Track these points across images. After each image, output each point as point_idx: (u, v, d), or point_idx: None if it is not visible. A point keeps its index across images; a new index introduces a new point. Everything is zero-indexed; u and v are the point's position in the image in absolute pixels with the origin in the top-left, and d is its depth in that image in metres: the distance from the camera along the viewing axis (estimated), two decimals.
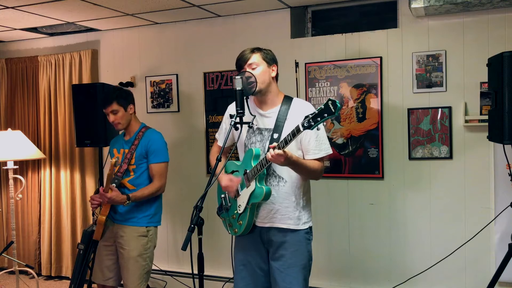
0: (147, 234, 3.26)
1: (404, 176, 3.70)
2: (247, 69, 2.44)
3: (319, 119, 2.05)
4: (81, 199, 4.74)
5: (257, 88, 2.42)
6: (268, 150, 2.27)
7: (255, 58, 2.46)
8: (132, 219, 3.23)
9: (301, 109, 2.44)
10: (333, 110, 2.01)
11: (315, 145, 2.42)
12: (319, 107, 2.06)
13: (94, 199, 3.27)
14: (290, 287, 2.44)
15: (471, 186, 3.52)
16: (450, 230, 3.58)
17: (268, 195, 2.38)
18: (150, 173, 3.25)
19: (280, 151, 2.17)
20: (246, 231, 2.50)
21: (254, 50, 2.49)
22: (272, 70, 2.51)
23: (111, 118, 3.24)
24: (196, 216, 2.22)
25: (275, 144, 2.23)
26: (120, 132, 3.46)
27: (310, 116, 2.08)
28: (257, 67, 2.45)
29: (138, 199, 3.17)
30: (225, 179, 2.52)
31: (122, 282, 3.31)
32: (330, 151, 2.48)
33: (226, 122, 2.70)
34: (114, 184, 3.19)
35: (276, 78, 2.55)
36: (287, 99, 2.52)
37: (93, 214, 3.61)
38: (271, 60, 2.51)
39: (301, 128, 2.11)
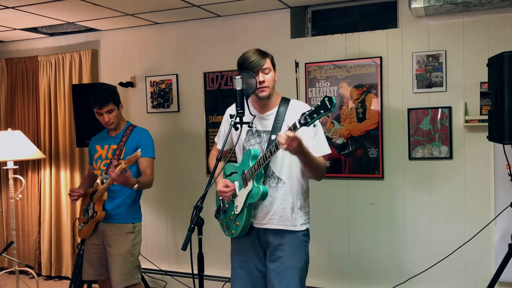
0: (134, 230, 3.29)
1: (404, 176, 3.70)
2: (260, 74, 2.42)
3: (315, 115, 2.05)
4: (81, 199, 4.72)
5: (267, 93, 2.43)
6: (273, 143, 2.23)
7: (268, 63, 2.45)
8: (117, 216, 3.24)
9: (298, 110, 2.43)
10: (329, 106, 2.01)
11: (312, 145, 2.41)
12: (315, 104, 2.06)
13: (74, 191, 3.30)
14: None
15: (471, 186, 3.52)
16: (450, 230, 3.58)
17: (264, 195, 2.38)
18: (140, 167, 3.24)
19: (294, 134, 2.12)
20: (243, 233, 2.49)
21: (263, 54, 2.46)
22: (276, 74, 2.53)
23: (106, 118, 3.22)
24: (196, 216, 2.22)
25: (289, 126, 2.16)
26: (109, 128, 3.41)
27: (307, 113, 2.08)
28: (270, 72, 2.45)
29: (142, 187, 3.17)
30: (220, 184, 2.51)
31: (111, 279, 3.30)
32: (328, 151, 2.48)
33: (225, 124, 2.70)
34: (105, 180, 3.17)
35: None
36: (285, 101, 2.52)
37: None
38: (275, 64, 2.53)
39: (298, 125, 2.11)
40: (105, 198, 3.22)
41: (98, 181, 3.26)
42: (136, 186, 3.07)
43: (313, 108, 2.06)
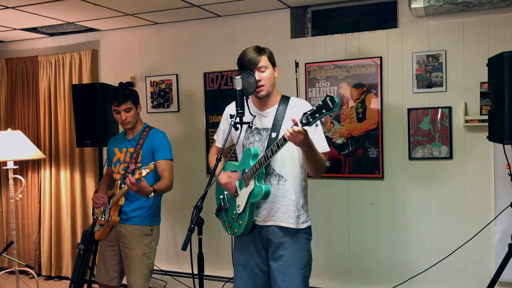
0: (151, 233, 3.25)
1: (404, 176, 3.70)
2: (256, 72, 2.41)
3: (317, 115, 2.04)
4: (81, 199, 4.73)
5: (265, 92, 2.43)
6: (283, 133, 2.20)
7: (264, 60, 2.44)
8: (135, 218, 3.21)
9: (298, 107, 2.44)
10: (331, 106, 2.00)
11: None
12: (317, 104, 2.05)
13: (99, 199, 3.27)
14: (290, 287, 2.44)
15: (471, 186, 3.52)
16: (450, 230, 3.58)
17: (267, 194, 2.38)
18: (159, 170, 3.18)
19: (300, 128, 2.11)
20: (246, 231, 2.49)
21: (260, 51, 2.46)
22: (275, 71, 2.51)
23: (123, 116, 3.19)
24: (196, 216, 2.22)
25: (296, 120, 2.14)
26: (121, 131, 3.44)
27: (308, 112, 2.07)
28: (266, 70, 2.43)
29: (159, 193, 3.13)
30: (223, 176, 2.51)
31: (127, 281, 3.30)
32: (327, 148, 2.48)
33: (224, 123, 2.70)
34: (124, 184, 3.15)
35: None
36: (284, 99, 2.52)
37: (93, 214, 3.59)
38: (274, 61, 2.51)
39: (299, 125, 2.10)
40: (121, 203, 3.19)
41: (117, 186, 3.25)
42: (151, 195, 3.02)
43: (314, 108, 2.05)
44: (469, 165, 3.53)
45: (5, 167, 4.43)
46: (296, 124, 2.13)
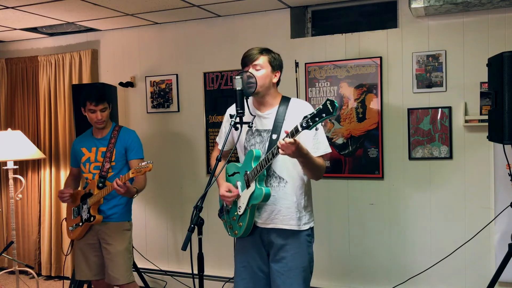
0: (130, 228, 3.37)
1: (404, 176, 3.70)
2: (250, 69, 2.43)
3: (317, 119, 2.05)
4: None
5: (255, 90, 2.41)
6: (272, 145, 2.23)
7: (262, 60, 2.43)
8: (114, 215, 3.28)
9: (299, 109, 2.44)
10: (331, 110, 2.00)
11: (312, 144, 2.41)
12: (317, 108, 2.05)
13: (65, 192, 3.33)
14: None
15: (471, 186, 3.52)
16: (450, 230, 3.58)
17: (267, 196, 2.38)
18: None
19: (291, 139, 2.12)
20: (246, 233, 2.49)
21: (263, 51, 2.46)
22: (275, 76, 2.49)
23: (99, 115, 3.23)
24: (196, 216, 2.22)
25: (287, 132, 2.17)
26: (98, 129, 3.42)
27: (309, 116, 2.07)
28: (261, 69, 2.43)
29: (139, 192, 3.24)
30: (223, 188, 2.51)
31: (111, 277, 3.30)
32: (328, 150, 2.48)
33: (225, 125, 2.69)
34: (101, 184, 3.22)
35: (277, 83, 2.54)
36: (285, 100, 2.51)
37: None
38: (277, 65, 2.49)
39: (300, 128, 2.10)
40: (101, 203, 3.26)
41: (92, 185, 3.27)
42: (135, 195, 3.18)
43: (315, 112, 2.06)
44: (469, 165, 3.53)
45: (5, 167, 4.44)
46: (287, 136, 2.14)
